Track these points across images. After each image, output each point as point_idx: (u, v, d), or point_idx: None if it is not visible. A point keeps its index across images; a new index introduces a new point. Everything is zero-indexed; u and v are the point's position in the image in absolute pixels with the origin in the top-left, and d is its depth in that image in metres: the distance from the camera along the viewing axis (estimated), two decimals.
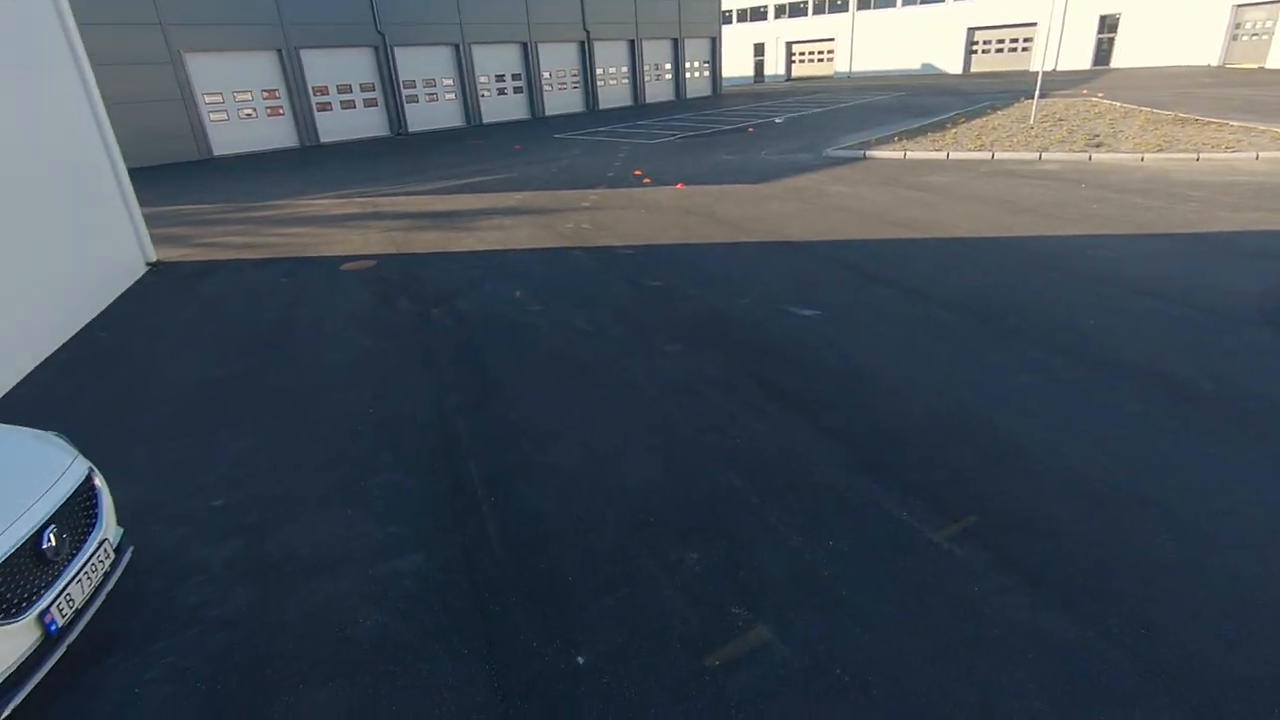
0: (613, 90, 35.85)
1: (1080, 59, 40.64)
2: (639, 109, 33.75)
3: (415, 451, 4.40)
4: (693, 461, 4.10)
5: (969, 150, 14.34)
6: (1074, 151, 13.30)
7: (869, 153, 15.14)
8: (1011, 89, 29.01)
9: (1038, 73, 17.90)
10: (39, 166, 7.05)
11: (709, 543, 3.39)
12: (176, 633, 3.03)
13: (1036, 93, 18.05)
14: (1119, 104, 20.48)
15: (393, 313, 7.05)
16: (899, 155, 14.74)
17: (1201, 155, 12.25)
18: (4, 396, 5.55)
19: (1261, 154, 11.96)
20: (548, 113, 32.85)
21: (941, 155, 14.38)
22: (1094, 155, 12.95)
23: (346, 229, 11.13)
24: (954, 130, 17.47)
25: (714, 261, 8.10)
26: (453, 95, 29.73)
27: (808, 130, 20.37)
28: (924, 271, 7.31)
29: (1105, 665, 2.60)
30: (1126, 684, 2.52)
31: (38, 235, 6.67)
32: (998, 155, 13.84)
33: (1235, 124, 15.06)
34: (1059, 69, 39.81)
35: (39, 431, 3.17)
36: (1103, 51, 40.32)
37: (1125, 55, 39.32)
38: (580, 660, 2.76)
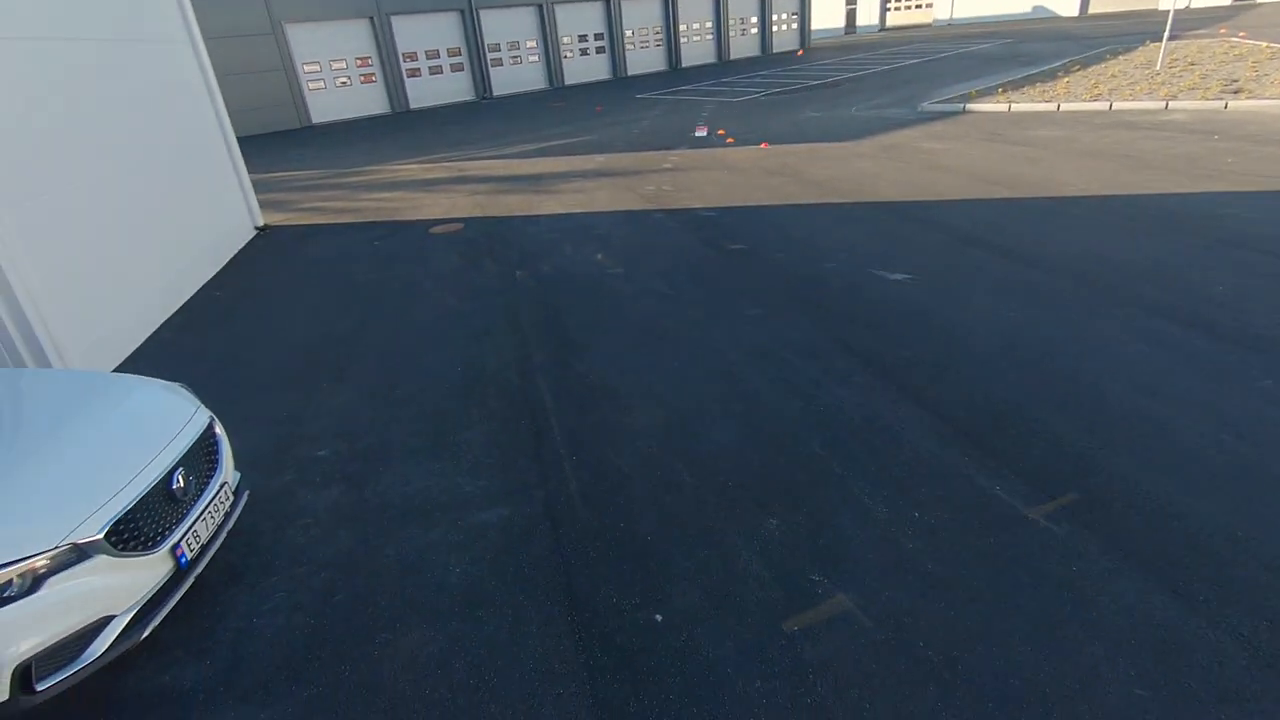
0: (696, 47, 34.96)
1: None
2: (723, 66, 32.82)
3: (501, 409, 4.54)
4: (774, 427, 4.05)
5: (1083, 101, 13.20)
6: (1207, 99, 12.01)
7: (969, 106, 14.19)
8: (1136, 31, 26.41)
9: (1168, 11, 16.17)
10: (165, 137, 7.57)
11: (789, 509, 3.36)
12: (287, 570, 3.28)
13: (1165, 34, 16.34)
14: (1264, 44, 18.28)
15: (479, 274, 7.24)
16: (1003, 108, 13.75)
17: None
18: (137, 349, 6.08)
19: None
20: (630, 72, 32.44)
21: (1051, 107, 13.31)
22: (1231, 103, 11.66)
23: (434, 193, 11.45)
24: (1066, 79, 16.10)
25: (799, 223, 7.86)
26: (536, 57, 29.80)
27: (902, 83, 19.28)
28: (1027, 233, 6.84)
29: (1219, 657, 2.43)
30: (1241, 678, 2.35)
31: (164, 202, 7.20)
32: (1116, 105, 12.68)
33: None
34: (1193, 6, 35.88)
35: (167, 383, 3.45)
36: None
37: None
38: (659, 618, 2.81)
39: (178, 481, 2.84)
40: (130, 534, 2.59)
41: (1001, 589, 2.80)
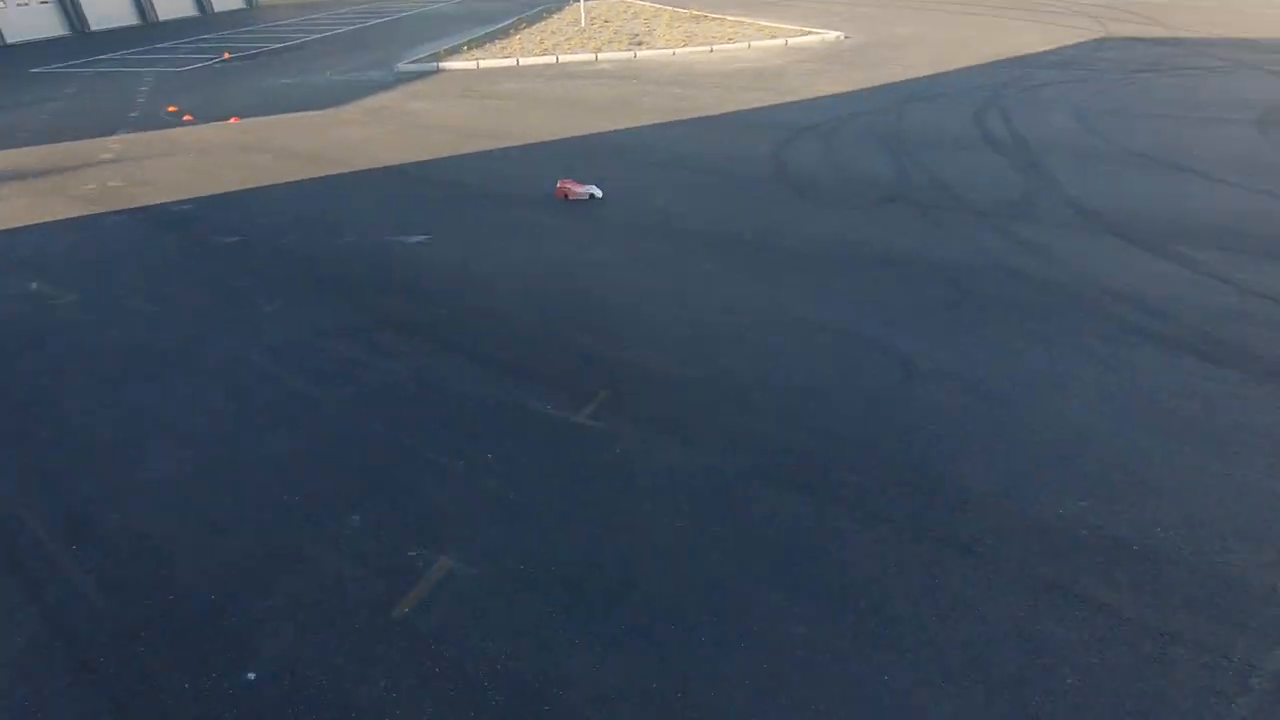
0: (107, 5, 28.12)
1: None
2: (150, 29, 27.24)
3: None
4: (329, 422, 3.77)
5: (535, 55, 14.90)
6: (622, 50, 14.76)
7: (441, 65, 14.72)
8: None
9: None
10: None
11: (370, 499, 3.22)
12: None
13: None
14: (649, 4, 23.15)
15: None
16: (472, 65, 14.65)
17: (714, 48, 14.67)
18: None
19: (752, 43, 14.80)
20: (8, 40, 24.51)
21: (511, 62, 14.70)
22: (638, 53, 14.57)
23: None
24: (518, 36, 17.91)
25: (299, 201, 7.23)
26: None
27: (372, 44, 18.87)
28: (514, 178, 7.57)
29: (721, 467, 3.24)
30: (737, 474, 3.19)
31: None
32: (561, 58, 14.66)
33: (732, 19, 18.27)
34: None
35: None
36: None
37: None
38: (252, 676, 2.44)
39: None
40: None
41: (570, 489, 3.20)
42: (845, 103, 9.80)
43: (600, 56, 14.58)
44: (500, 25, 20.52)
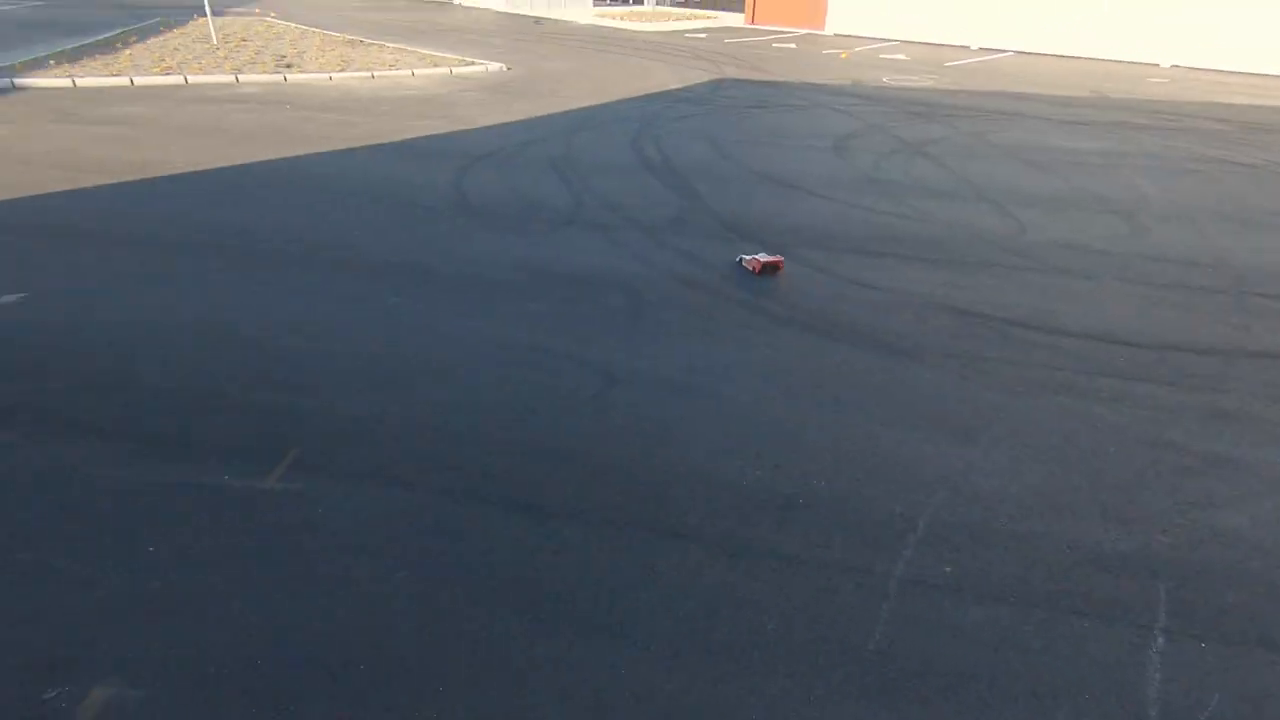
0: None
1: None
2: None
3: None
4: None
5: (155, 74, 12.76)
6: (268, 73, 13.39)
7: (19, 80, 11.80)
8: (180, 5, 26.71)
9: None
10: None
11: None
12: None
13: (209, 10, 17.10)
14: (294, 25, 21.37)
15: None
16: (66, 83, 12.00)
17: (375, 73, 14.09)
18: None
19: (415, 71, 14.56)
20: None
21: (124, 81, 12.38)
22: (288, 76, 13.35)
23: None
24: (128, 51, 15.14)
25: None
26: None
27: None
28: (147, 217, 6.42)
29: (435, 503, 3.16)
30: (453, 504, 3.14)
31: None
32: (192, 80, 12.78)
33: (391, 45, 17.74)
34: None
35: None
36: None
37: None
38: None
39: None
40: None
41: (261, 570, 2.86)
42: (516, 131, 10.19)
43: (242, 79, 13.08)
44: (100, 37, 17.14)
